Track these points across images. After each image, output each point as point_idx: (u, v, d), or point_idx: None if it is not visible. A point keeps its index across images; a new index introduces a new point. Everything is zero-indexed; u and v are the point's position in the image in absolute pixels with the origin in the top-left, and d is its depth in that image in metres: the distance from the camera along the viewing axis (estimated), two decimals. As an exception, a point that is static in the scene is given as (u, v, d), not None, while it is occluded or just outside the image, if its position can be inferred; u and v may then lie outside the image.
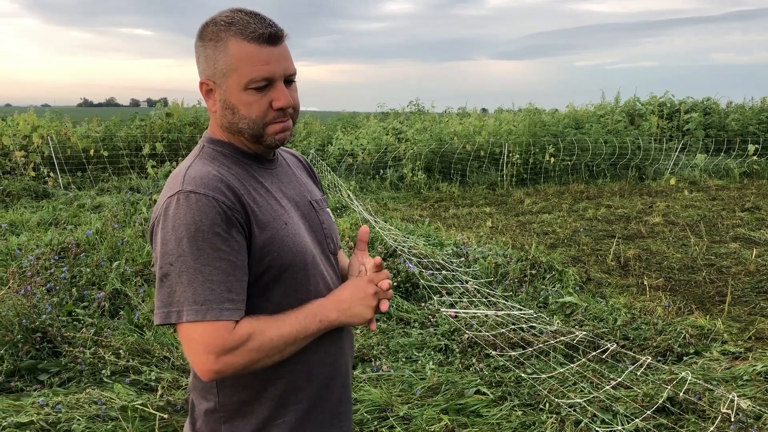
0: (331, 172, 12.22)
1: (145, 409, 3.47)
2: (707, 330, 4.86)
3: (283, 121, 1.43)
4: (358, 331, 4.65)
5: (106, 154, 12.91)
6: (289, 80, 1.43)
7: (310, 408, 1.50)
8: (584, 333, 4.53)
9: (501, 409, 3.63)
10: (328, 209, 1.65)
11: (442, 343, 4.54)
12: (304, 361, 1.47)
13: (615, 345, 4.34)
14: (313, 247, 1.50)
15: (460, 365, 4.22)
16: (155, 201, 8.96)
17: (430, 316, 5.00)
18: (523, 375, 3.96)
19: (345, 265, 1.67)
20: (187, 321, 1.30)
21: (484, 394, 3.80)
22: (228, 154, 1.46)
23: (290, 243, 1.42)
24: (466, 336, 4.51)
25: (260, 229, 1.37)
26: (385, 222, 8.31)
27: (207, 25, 1.42)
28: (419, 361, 4.29)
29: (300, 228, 1.48)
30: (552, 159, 13.59)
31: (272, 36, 1.39)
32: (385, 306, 1.49)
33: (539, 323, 4.79)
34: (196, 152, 1.48)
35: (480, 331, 4.59)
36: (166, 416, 3.42)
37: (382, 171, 13.35)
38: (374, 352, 4.39)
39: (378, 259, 1.50)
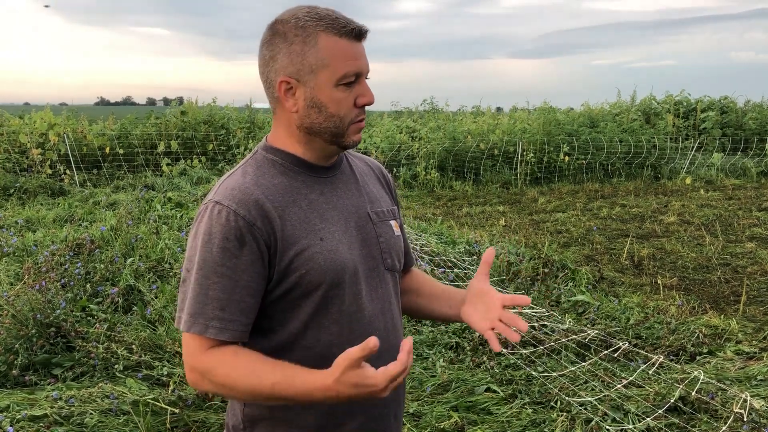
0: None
1: (157, 403, 3.49)
2: (721, 330, 4.82)
3: (362, 121, 1.40)
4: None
5: (121, 152, 13.00)
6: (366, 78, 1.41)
7: None
8: (596, 332, 4.51)
9: (511, 407, 3.62)
10: (392, 222, 1.54)
11: (453, 340, 4.54)
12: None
13: (627, 344, 4.31)
14: (360, 263, 1.42)
15: (470, 363, 4.21)
16: (170, 198, 9.03)
17: (441, 314, 4.99)
18: (534, 373, 3.95)
19: (436, 291, 1.63)
20: (182, 328, 1.33)
21: (494, 391, 3.79)
22: (279, 162, 1.40)
23: (322, 260, 1.34)
24: (477, 334, 4.50)
25: (288, 244, 1.33)
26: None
27: (286, 21, 1.34)
28: (430, 359, 4.29)
29: (342, 243, 1.39)
30: (566, 158, 13.52)
31: (361, 32, 1.35)
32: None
33: (551, 321, 4.77)
34: (246, 158, 1.43)
35: (491, 329, 4.57)
36: (177, 411, 3.45)
37: (395, 169, 13.35)
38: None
39: (408, 342, 1.23)
